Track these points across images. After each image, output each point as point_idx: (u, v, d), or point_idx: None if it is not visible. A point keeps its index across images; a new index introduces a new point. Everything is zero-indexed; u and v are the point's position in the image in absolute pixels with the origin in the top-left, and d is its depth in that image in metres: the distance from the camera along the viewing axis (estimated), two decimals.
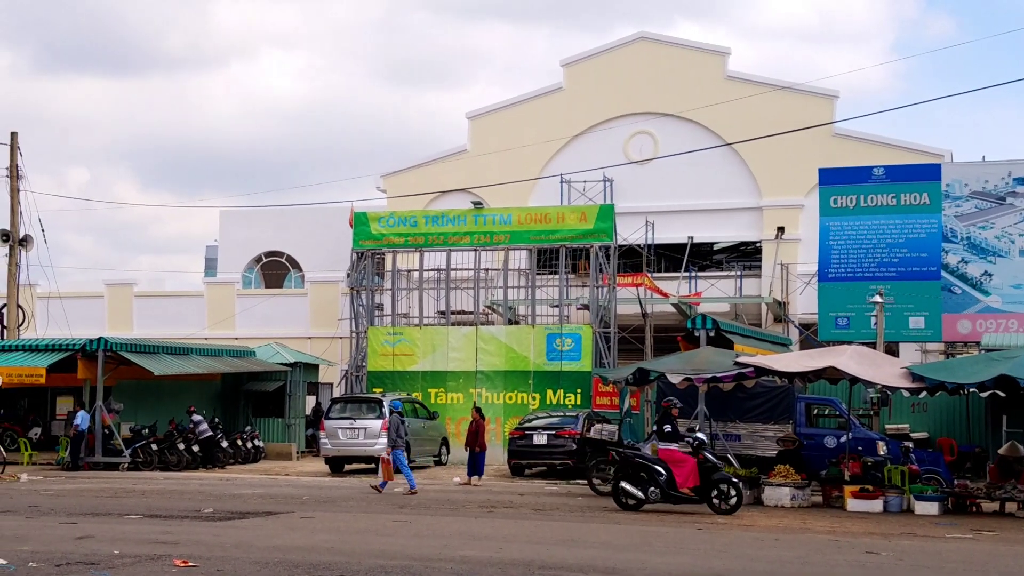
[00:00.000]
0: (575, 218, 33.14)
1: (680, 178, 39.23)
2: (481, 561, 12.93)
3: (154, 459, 29.30)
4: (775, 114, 37.78)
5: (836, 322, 31.91)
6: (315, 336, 41.02)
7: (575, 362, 31.83)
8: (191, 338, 38.11)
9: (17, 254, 33.95)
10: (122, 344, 30.20)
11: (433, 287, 37.13)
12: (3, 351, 30.25)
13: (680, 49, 41.22)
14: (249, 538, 14.78)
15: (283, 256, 45.96)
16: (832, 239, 32.16)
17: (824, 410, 25.21)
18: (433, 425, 30.71)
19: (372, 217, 34.79)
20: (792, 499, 20.61)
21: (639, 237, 37.84)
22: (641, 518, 18.30)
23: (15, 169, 34.05)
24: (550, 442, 26.96)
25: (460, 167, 41.34)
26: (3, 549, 13.17)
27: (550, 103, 41.60)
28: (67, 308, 36.29)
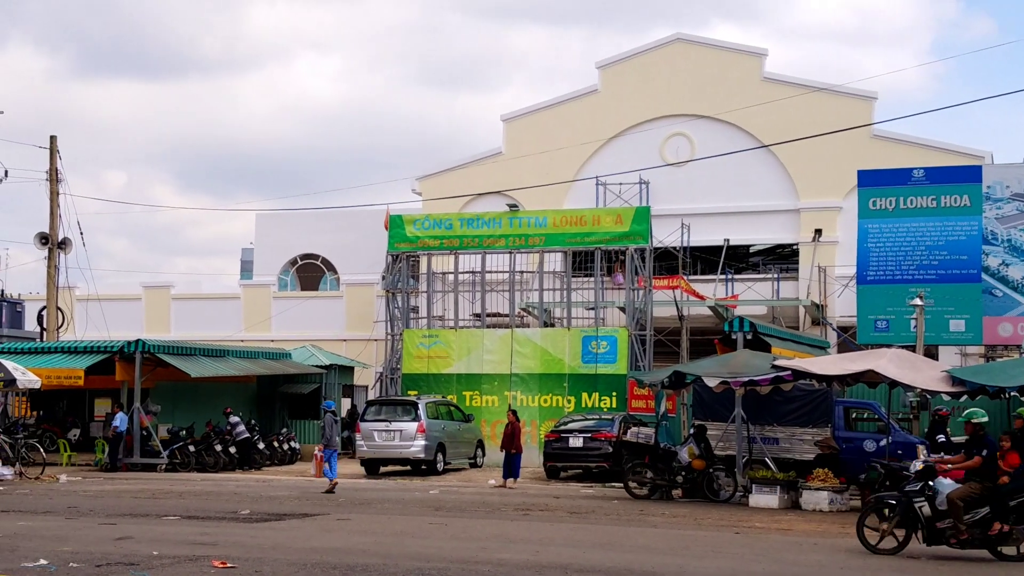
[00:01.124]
0: (610, 220, 33.04)
1: (716, 180, 39.05)
2: (518, 564, 12.89)
3: (191, 460, 29.45)
4: (812, 115, 37.55)
5: (875, 325, 31.63)
6: (350, 338, 41.13)
7: (610, 365, 31.72)
8: (227, 340, 38.31)
9: (56, 257, 34.23)
10: (159, 346, 30.39)
11: (468, 289, 37.12)
12: (42, 353, 30.51)
13: (716, 50, 41.04)
14: (286, 539, 14.81)
15: (319, 259, 46.12)
16: (871, 241, 31.88)
17: (863, 414, 24.98)
18: (468, 428, 30.71)
19: (407, 220, 34.83)
20: (830, 503, 20.45)
21: (675, 239, 37.67)
22: (678, 522, 18.20)
23: (54, 172, 34.34)
24: (586, 445, 26.89)
25: (495, 170, 41.34)
26: (44, 549, 13.26)
27: (585, 105, 41.53)
28: (105, 310, 36.56)
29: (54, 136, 34.76)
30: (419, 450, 27.76)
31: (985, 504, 14.22)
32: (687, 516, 19.11)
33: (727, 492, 22.21)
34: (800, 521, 18.66)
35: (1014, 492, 14.28)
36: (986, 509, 14.20)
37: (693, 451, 22.64)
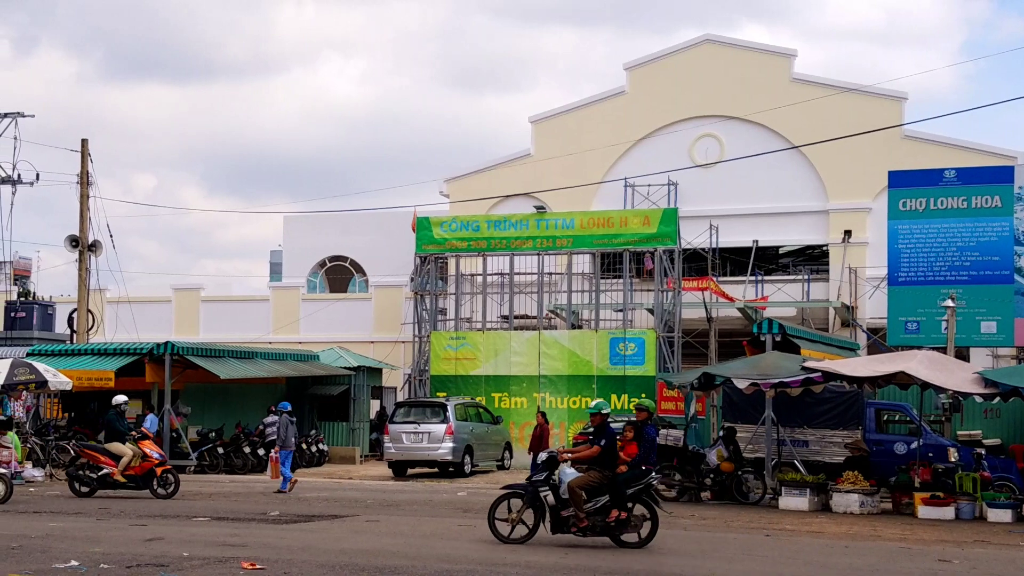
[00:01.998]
0: (639, 222, 32.95)
1: (745, 181, 38.91)
2: (547, 566, 12.86)
3: (220, 462, 29.56)
4: (842, 116, 37.35)
5: (906, 327, 31.39)
6: (378, 340, 41.21)
7: (639, 366, 31.64)
8: (256, 342, 38.44)
9: (87, 259, 34.44)
10: (189, 348, 30.52)
11: (496, 291, 37.12)
12: (73, 355, 30.69)
13: (745, 51, 40.90)
14: (315, 541, 14.83)
15: (347, 261, 46.24)
16: (901, 242, 31.65)
17: (894, 416, 24.79)
18: (497, 429, 30.69)
19: (435, 222, 34.86)
20: (861, 506, 20.32)
21: (703, 241, 37.55)
22: (708, 524, 18.12)
23: (85, 176, 34.55)
24: None
25: (523, 171, 41.33)
26: (75, 550, 13.33)
27: (613, 107, 41.46)
28: (135, 312, 36.78)
29: (85, 139, 34.98)
30: (447, 452, 27.76)
31: (605, 492, 14.57)
32: (716, 518, 19.02)
33: (756, 494, 22.10)
34: (831, 524, 18.54)
35: (630, 480, 14.66)
36: (606, 497, 14.55)
37: (722, 453, 22.55)
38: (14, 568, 12.12)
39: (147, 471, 21.35)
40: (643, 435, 15.59)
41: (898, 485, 21.06)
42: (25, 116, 34.62)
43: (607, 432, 14.89)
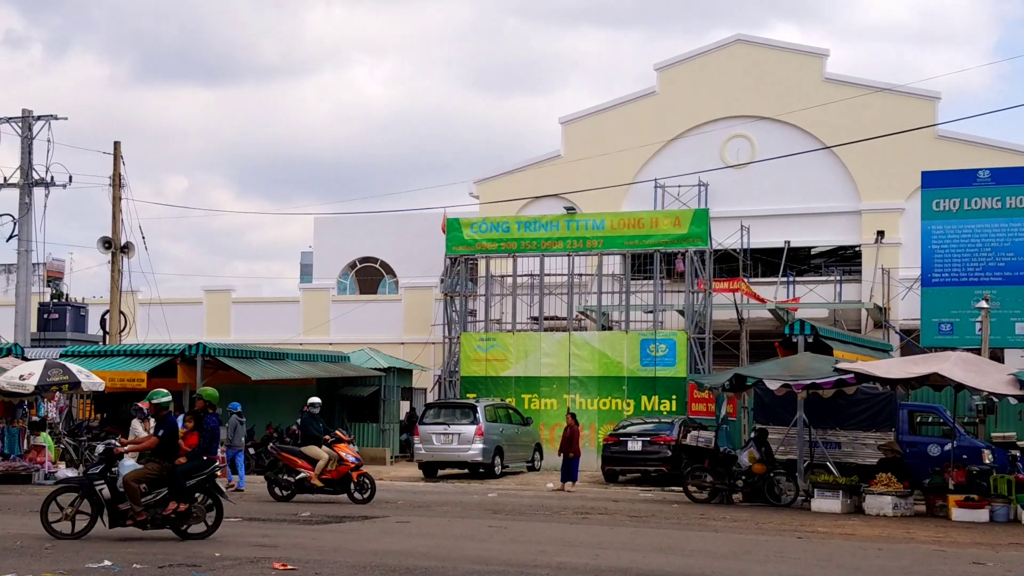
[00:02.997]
0: (669, 223, 32.84)
1: (777, 182, 38.70)
2: (577, 568, 12.81)
3: (251, 463, 29.63)
4: (875, 116, 37.10)
5: (939, 328, 31.17)
6: (408, 341, 41.26)
7: (669, 368, 31.53)
8: (287, 343, 38.57)
9: (119, 261, 34.65)
10: (220, 349, 30.65)
11: (526, 293, 37.08)
12: (106, 356, 30.90)
13: (777, 51, 40.70)
14: (346, 542, 14.84)
15: (377, 262, 46.32)
16: (935, 243, 31.45)
17: (928, 417, 24.62)
18: (527, 431, 30.65)
19: (465, 223, 34.87)
20: (894, 508, 20.16)
21: (734, 242, 37.38)
22: (739, 526, 18.02)
23: (117, 178, 34.75)
24: (645, 448, 26.76)
25: (553, 172, 41.27)
26: (108, 550, 13.40)
27: (644, 107, 41.34)
28: (167, 314, 36.97)
29: (118, 142, 35.18)
30: (477, 453, 27.75)
31: (164, 484, 14.48)
32: (748, 520, 18.90)
33: (788, 496, 21.96)
34: (863, 526, 18.39)
35: (190, 472, 14.60)
36: (165, 489, 14.48)
37: (754, 455, 22.41)
38: (48, 568, 12.19)
39: (343, 475, 20.63)
40: (203, 425, 15.40)
41: (932, 487, 20.87)
42: (58, 119, 34.84)
43: (167, 423, 14.87)
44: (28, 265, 35.27)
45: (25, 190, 34.53)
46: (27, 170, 34.60)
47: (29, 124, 34.70)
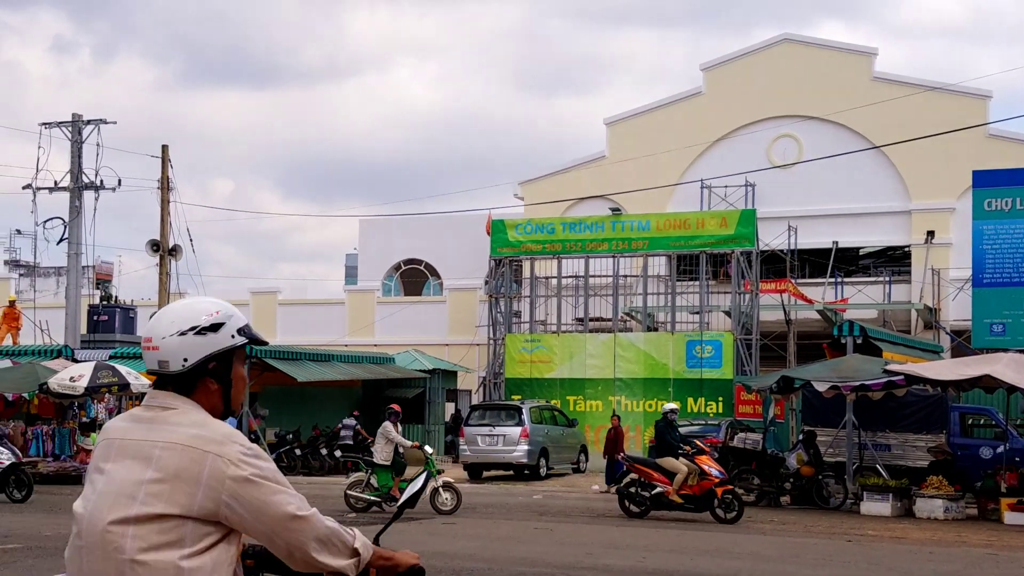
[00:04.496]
0: (715, 224, 32.63)
1: (825, 182, 38.33)
2: (624, 570, 12.73)
3: (297, 464, 29.80)
4: (924, 115, 36.65)
5: (991, 329, 30.68)
6: (453, 343, 41.29)
7: (715, 369, 31.33)
8: (332, 345, 38.71)
9: (167, 263, 34.93)
10: (267, 351, 30.79)
11: (571, 294, 37.00)
12: None
13: (825, 50, 40.34)
14: (392, 543, 14.73)
15: (422, 264, 46.41)
16: (986, 243, 30.95)
17: (979, 420, 24.28)
18: (572, 432, 30.56)
19: (509, 224, 34.85)
20: (945, 511, 19.88)
21: (782, 242, 37.08)
22: (788, 529, 17.84)
23: (166, 181, 35.02)
24: None
25: (598, 173, 41.15)
26: None
27: (689, 108, 41.13)
28: None
29: (166, 145, 35.45)
30: (522, 455, 27.70)
31: None
32: (796, 523, 18.71)
33: (837, 499, 21.73)
34: (914, 529, 18.15)
35: None
36: None
37: (802, 457, 22.20)
38: None
39: (706, 491, 18.60)
40: None
41: (983, 490, 20.58)
42: (107, 123, 35.21)
43: None
44: (78, 268, 35.65)
45: (75, 194, 34.91)
46: (77, 174, 34.99)
47: (79, 128, 35.08)
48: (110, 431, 3.27)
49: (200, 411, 3.23)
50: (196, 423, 3.18)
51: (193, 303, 3.34)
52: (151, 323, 3.33)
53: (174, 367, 3.24)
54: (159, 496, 3.07)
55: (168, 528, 3.07)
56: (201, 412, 3.23)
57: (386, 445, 19.44)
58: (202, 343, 3.25)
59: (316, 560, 3.22)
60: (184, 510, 3.07)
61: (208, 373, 3.27)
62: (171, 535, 3.07)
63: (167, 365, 3.24)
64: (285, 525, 3.16)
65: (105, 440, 3.25)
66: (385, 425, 19.86)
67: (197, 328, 3.25)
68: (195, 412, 3.22)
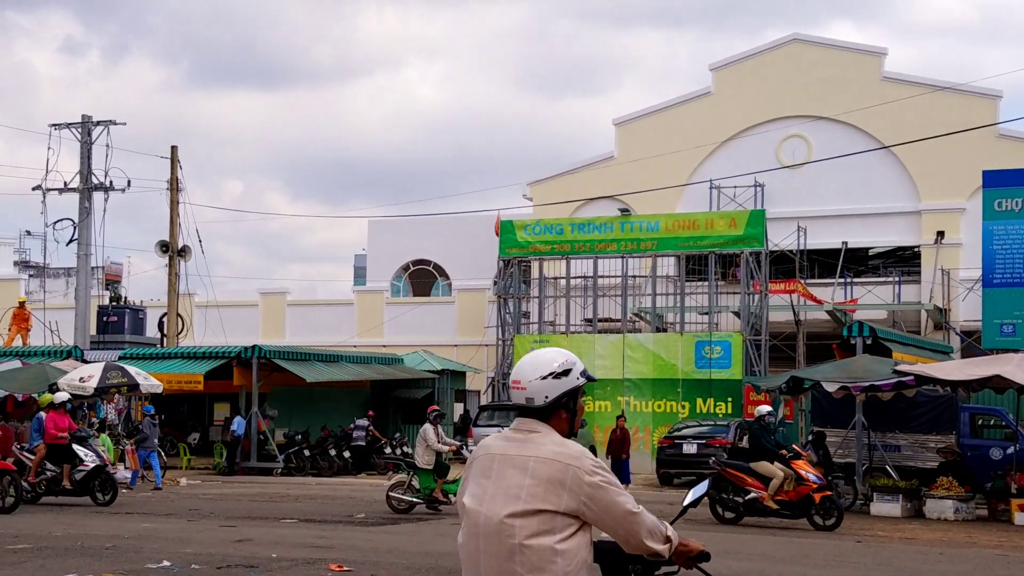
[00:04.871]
0: (724, 224, 32.57)
1: (834, 182, 38.26)
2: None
3: (306, 465, 29.80)
4: (934, 115, 36.56)
5: (1001, 329, 30.60)
6: (461, 344, 41.28)
7: (725, 370, 31.27)
8: (341, 346, 38.73)
9: (176, 264, 34.99)
10: (276, 351, 30.85)
11: (579, 295, 36.96)
12: (163, 358, 31.21)
13: (834, 50, 40.27)
14: (402, 543, 14.84)
15: (430, 264, 46.41)
16: (996, 243, 30.87)
17: (989, 420, 24.19)
18: (581, 433, 30.41)
19: (518, 225, 34.83)
20: (955, 512, 19.83)
21: (791, 243, 37.02)
22: (799, 531, 17.80)
23: (175, 182, 35.09)
24: (700, 451, 26.51)
25: (606, 174, 41.12)
26: (167, 551, 13.49)
27: (698, 108, 41.07)
28: (223, 316, 37.28)
29: (175, 146, 35.53)
30: None
31: None
32: (806, 524, 18.66)
33: (847, 500, 21.65)
34: (924, 530, 18.11)
35: None
36: None
37: (811, 458, 22.12)
38: (108, 567, 12.30)
39: (803, 497, 17.79)
40: None
41: (994, 491, 20.53)
42: (117, 124, 35.29)
43: None
44: (87, 268, 35.73)
45: (85, 195, 34.99)
46: (87, 175, 35.07)
47: (88, 129, 35.17)
48: (490, 448, 4.39)
49: (556, 434, 4.34)
50: (556, 443, 4.29)
51: (547, 354, 4.47)
52: (518, 369, 4.42)
53: (538, 402, 4.35)
54: (537, 496, 4.18)
55: (544, 520, 4.17)
56: (557, 435, 4.34)
57: (427, 449, 19.32)
58: (558, 384, 4.36)
59: (644, 544, 4.31)
60: (554, 507, 4.18)
61: (561, 406, 4.39)
62: (547, 525, 4.18)
63: (532, 401, 4.35)
64: (625, 519, 4.26)
65: (486, 454, 4.37)
66: (425, 428, 19.73)
67: (554, 373, 4.36)
68: (553, 435, 4.33)
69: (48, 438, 20.36)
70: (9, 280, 48.43)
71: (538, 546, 4.16)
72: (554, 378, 4.36)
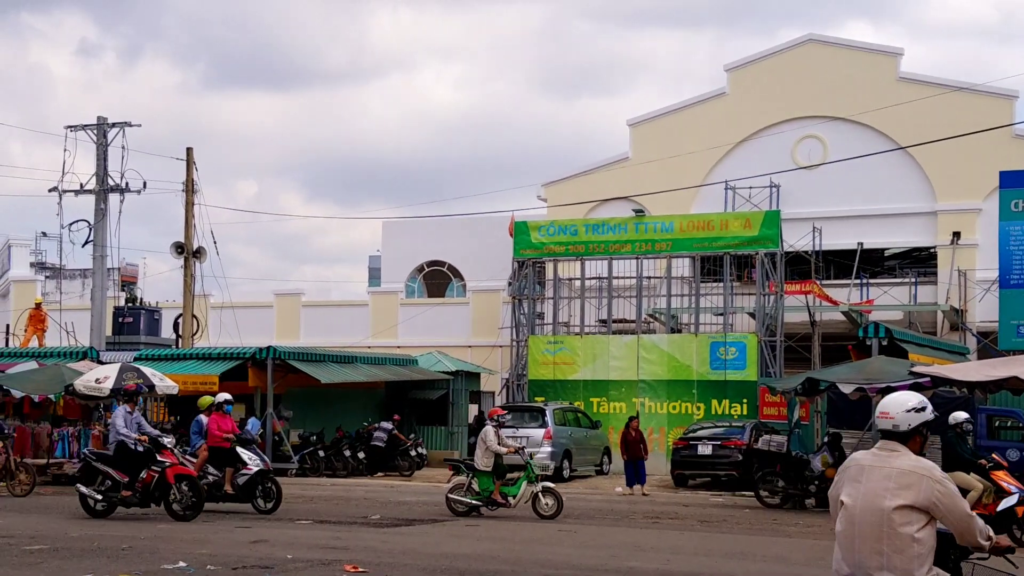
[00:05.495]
0: (739, 225, 32.48)
1: (850, 182, 38.10)
2: (648, 573, 12.69)
3: (321, 465, 29.83)
4: (951, 115, 36.39)
5: (1018, 330, 30.49)
6: (476, 345, 41.24)
7: (740, 371, 31.19)
8: (355, 347, 38.74)
9: (192, 265, 35.06)
10: (290, 352, 30.87)
11: (594, 296, 36.90)
12: (179, 359, 31.27)
13: (850, 51, 40.11)
14: (416, 545, 14.84)
15: (445, 265, 46.42)
16: (1013, 244, 30.77)
17: (1006, 422, 24.13)
18: (595, 434, 30.50)
19: (532, 226, 34.80)
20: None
21: (806, 243, 36.91)
22: (813, 532, 17.73)
23: (190, 183, 35.16)
24: (715, 452, 26.48)
25: (621, 175, 41.04)
26: (183, 552, 13.51)
27: (713, 109, 40.97)
28: (238, 317, 37.32)
29: (190, 148, 35.59)
30: (545, 457, 27.62)
31: None
32: (822, 526, 18.58)
33: None
34: None
35: None
36: None
37: (827, 459, 22.06)
38: (124, 568, 12.32)
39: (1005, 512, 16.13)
40: None
41: None
42: (132, 126, 35.38)
43: None
44: (103, 270, 35.83)
45: (100, 196, 35.08)
46: (102, 176, 35.16)
47: (104, 131, 35.26)
48: (860, 460, 5.97)
49: (911, 453, 5.86)
50: (912, 459, 5.82)
51: (908, 394, 6.04)
52: (886, 404, 5.99)
53: (902, 428, 5.91)
54: (899, 496, 5.71)
55: (906, 513, 5.68)
56: (912, 454, 5.86)
57: (487, 451, 19.28)
58: (917, 417, 5.92)
59: (976, 539, 5.78)
60: (913, 503, 5.68)
61: (917, 432, 5.93)
62: (907, 519, 5.68)
63: (898, 427, 5.91)
64: (963, 519, 5.72)
65: (856, 465, 5.97)
66: (486, 430, 19.74)
67: (915, 408, 5.93)
68: (910, 454, 5.86)
69: (211, 440, 19.42)
70: (26, 281, 48.61)
71: (902, 533, 5.66)
72: (915, 412, 5.91)
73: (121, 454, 18.04)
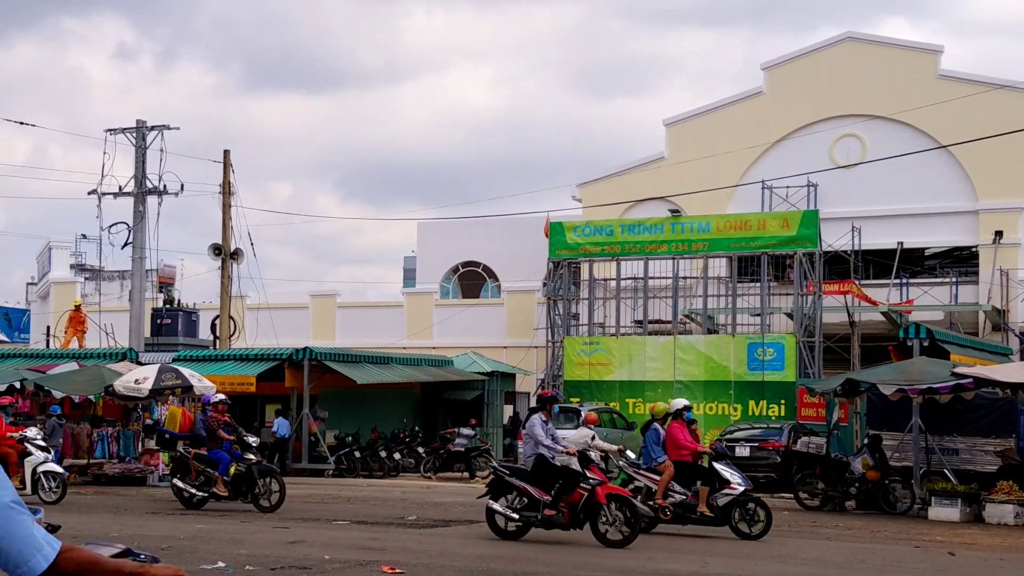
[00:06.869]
0: (777, 225, 32.25)
1: (889, 181, 37.75)
2: (685, 575, 12.57)
3: (357, 466, 29.87)
4: (992, 113, 35.97)
5: None
6: (511, 345, 41.20)
7: (777, 372, 30.97)
8: (390, 347, 38.81)
9: (229, 267, 35.24)
10: (326, 353, 30.95)
11: (630, 296, 36.77)
12: (216, 360, 31.43)
13: (888, 48, 39.76)
14: (453, 546, 14.80)
15: (480, 266, 46.41)
16: None
17: None
18: (631, 435, 30.30)
19: (568, 227, 34.71)
20: (1016, 517, 19.46)
21: (845, 243, 36.60)
22: (853, 535, 17.55)
23: (227, 185, 35.35)
24: (753, 454, 26.27)
25: (657, 175, 40.88)
26: (222, 552, 13.53)
27: (750, 108, 40.72)
28: (274, 318, 37.45)
29: (227, 150, 35.79)
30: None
31: None
32: (862, 528, 18.42)
33: (904, 504, 21.37)
34: (984, 535, 17.78)
35: None
36: None
37: (867, 461, 21.85)
38: None
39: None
40: None
41: None
42: (170, 129, 35.60)
43: None
44: (142, 272, 36.08)
45: (139, 199, 35.34)
46: (141, 179, 35.41)
47: (142, 135, 35.51)
48: None
49: None
50: None
51: None
52: None
53: None
54: None
55: None
56: None
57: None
58: None
59: None
60: None
61: None
62: None
63: None
64: None
65: None
66: (581, 430, 19.74)
67: None
68: None
69: (674, 454, 16.85)
70: (65, 283, 49.04)
71: None
72: None
73: (541, 469, 15.74)
